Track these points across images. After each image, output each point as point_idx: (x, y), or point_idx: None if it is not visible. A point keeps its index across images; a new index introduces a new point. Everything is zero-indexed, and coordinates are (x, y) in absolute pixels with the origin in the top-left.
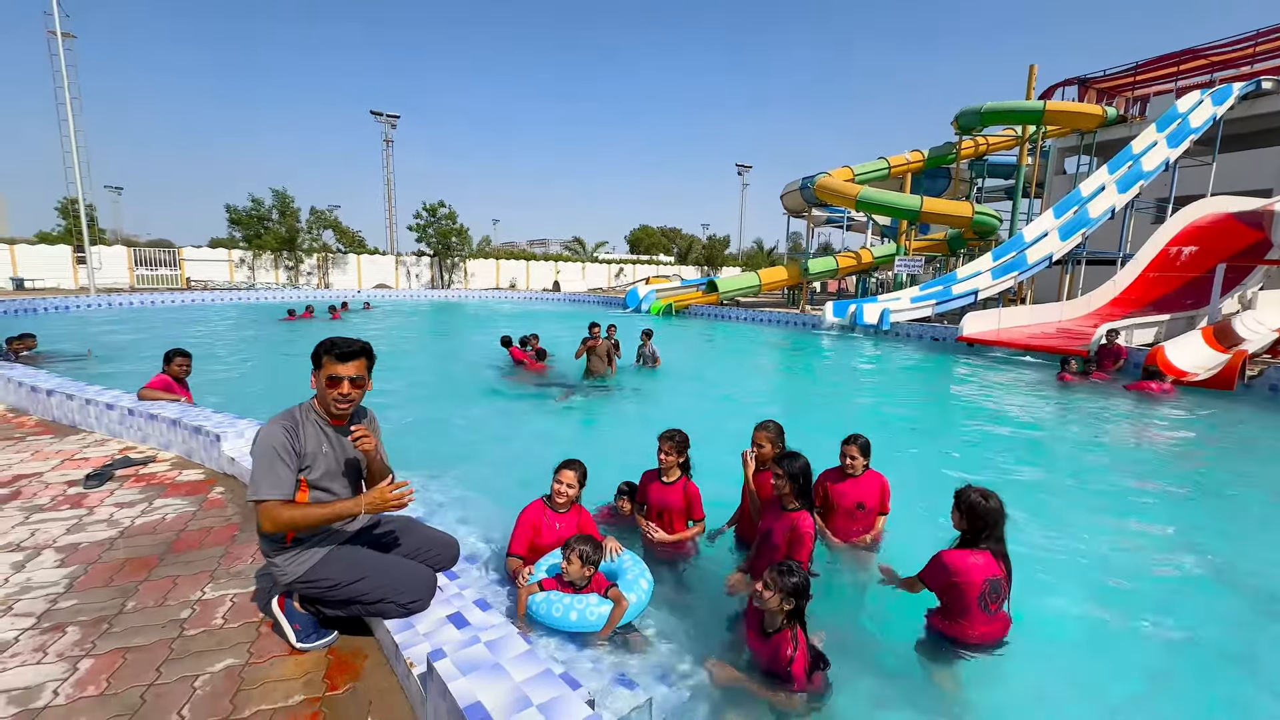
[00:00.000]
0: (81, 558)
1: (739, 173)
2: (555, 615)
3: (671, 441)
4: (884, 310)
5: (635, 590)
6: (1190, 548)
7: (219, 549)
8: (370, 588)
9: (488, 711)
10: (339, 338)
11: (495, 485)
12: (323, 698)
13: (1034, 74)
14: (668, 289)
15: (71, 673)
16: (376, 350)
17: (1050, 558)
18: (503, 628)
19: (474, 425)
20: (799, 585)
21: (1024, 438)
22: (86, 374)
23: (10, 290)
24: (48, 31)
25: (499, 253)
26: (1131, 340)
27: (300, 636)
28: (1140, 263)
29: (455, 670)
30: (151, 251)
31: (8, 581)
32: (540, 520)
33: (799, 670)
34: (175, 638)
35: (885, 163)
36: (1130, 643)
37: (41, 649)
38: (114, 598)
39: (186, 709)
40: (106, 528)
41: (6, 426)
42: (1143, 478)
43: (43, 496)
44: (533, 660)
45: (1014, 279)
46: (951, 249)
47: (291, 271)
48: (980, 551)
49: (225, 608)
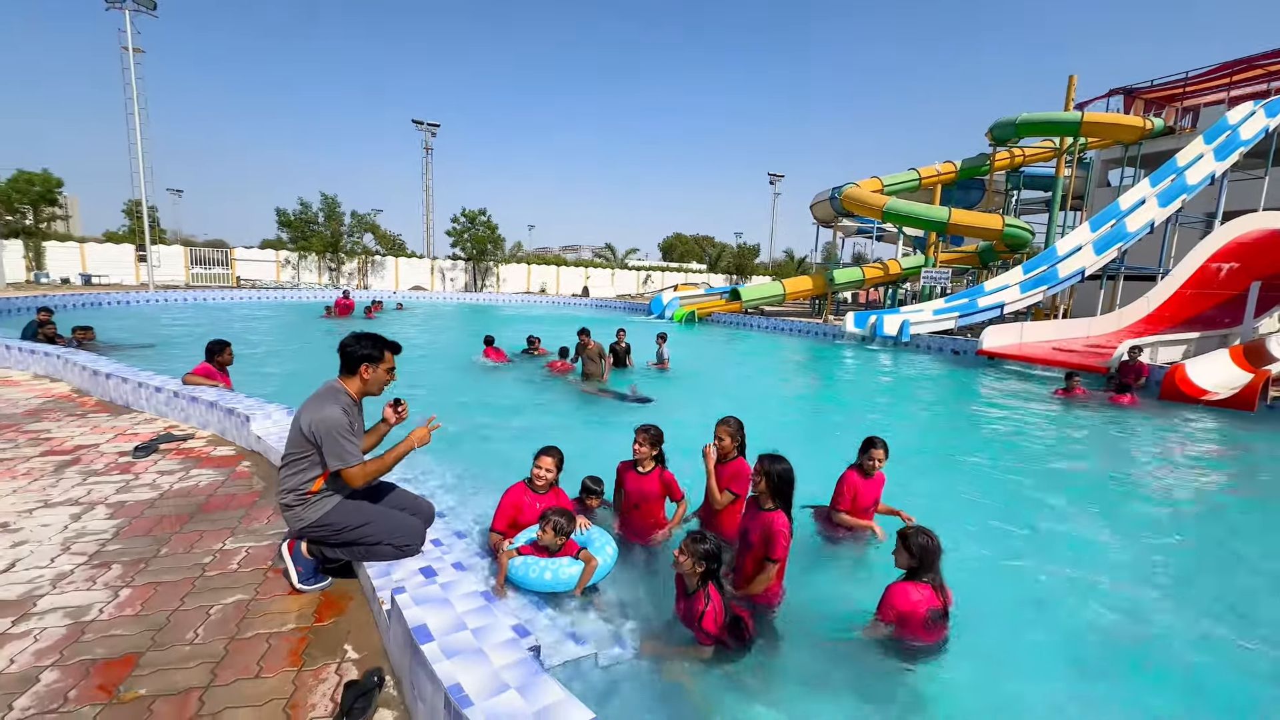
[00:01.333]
0: (127, 513)
1: (770, 182)
2: (532, 576)
3: (646, 434)
4: (904, 322)
5: (601, 555)
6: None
7: (241, 511)
8: (372, 531)
9: (430, 632)
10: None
11: (489, 470)
12: (311, 627)
13: (1073, 84)
14: (691, 296)
15: (114, 598)
16: (409, 345)
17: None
18: (462, 579)
19: (482, 417)
20: (709, 551)
21: (1013, 451)
22: (140, 361)
23: (79, 285)
24: (121, 47)
25: (531, 258)
26: (1156, 357)
27: (301, 579)
28: (1177, 278)
29: (410, 602)
30: (206, 251)
31: (67, 528)
32: (522, 500)
33: (707, 624)
34: (198, 577)
35: (916, 174)
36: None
37: (92, 580)
38: (151, 545)
39: (201, 628)
40: (149, 490)
41: (71, 405)
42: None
43: (98, 463)
44: (475, 598)
45: (1043, 293)
46: (983, 262)
47: (334, 273)
48: (922, 585)
49: (241, 556)
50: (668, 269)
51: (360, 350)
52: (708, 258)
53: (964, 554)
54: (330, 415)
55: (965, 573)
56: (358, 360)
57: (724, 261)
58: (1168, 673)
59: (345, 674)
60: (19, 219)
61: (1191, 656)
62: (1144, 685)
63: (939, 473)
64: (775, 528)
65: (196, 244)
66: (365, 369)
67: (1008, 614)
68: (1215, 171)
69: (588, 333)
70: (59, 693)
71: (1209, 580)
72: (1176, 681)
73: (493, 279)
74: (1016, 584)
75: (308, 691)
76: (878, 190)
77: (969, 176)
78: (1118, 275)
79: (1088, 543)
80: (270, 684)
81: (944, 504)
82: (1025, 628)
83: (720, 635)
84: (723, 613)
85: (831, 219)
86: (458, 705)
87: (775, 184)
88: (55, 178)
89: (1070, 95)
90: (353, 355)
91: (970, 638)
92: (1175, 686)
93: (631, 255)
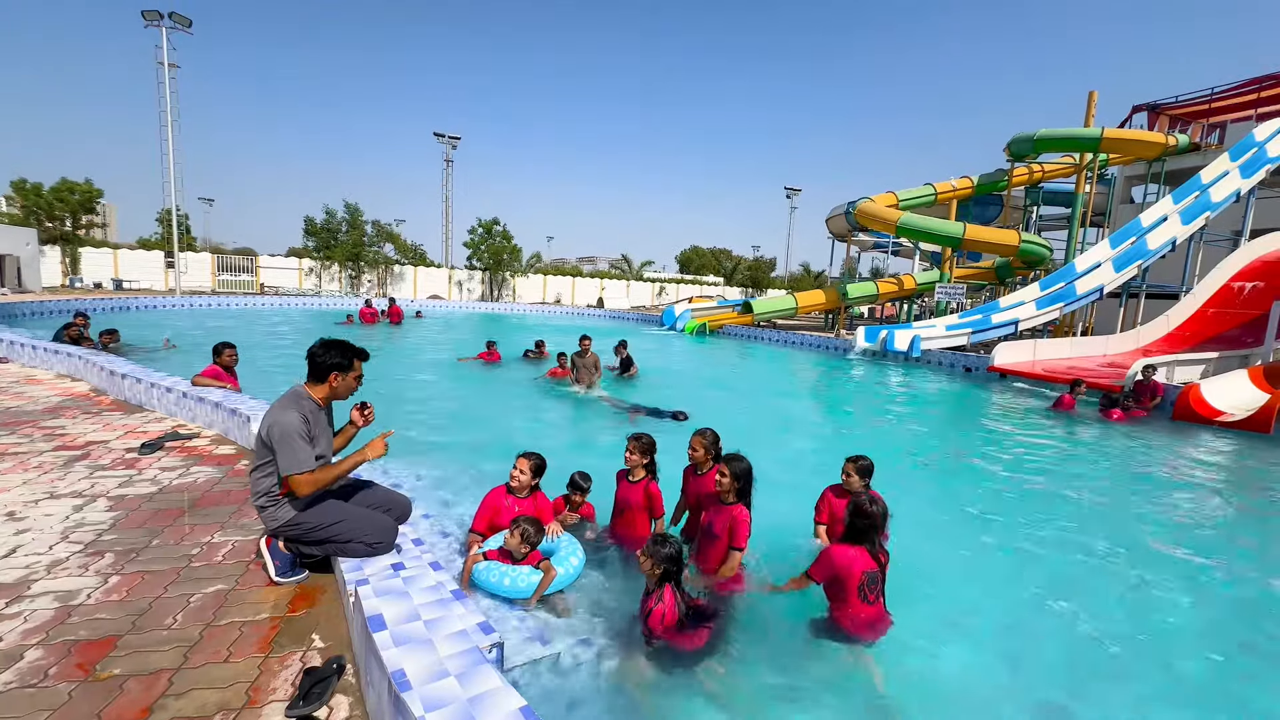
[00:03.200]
0: (126, 506)
1: (788, 195)
2: (491, 580)
3: (638, 442)
4: (915, 337)
5: (565, 565)
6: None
7: (233, 507)
8: (343, 529)
9: (384, 622)
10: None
11: (484, 473)
12: (283, 617)
13: (1093, 100)
14: (703, 308)
15: (102, 585)
16: (429, 351)
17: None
18: (424, 574)
19: (481, 421)
20: (670, 555)
21: (1018, 468)
22: (155, 362)
23: (111, 290)
24: (157, 62)
25: (546, 269)
26: (1173, 377)
27: (278, 572)
28: (1198, 297)
29: (371, 593)
30: (232, 258)
31: (68, 519)
32: (500, 503)
33: (653, 622)
34: (183, 567)
35: (932, 189)
36: None
37: (84, 567)
38: (144, 536)
39: (180, 615)
40: (149, 485)
41: (88, 403)
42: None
43: (105, 458)
44: (435, 591)
45: (1059, 310)
46: (999, 277)
47: (354, 280)
48: (858, 547)
49: (226, 549)
50: (683, 281)
51: (330, 359)
52: (724, 271)
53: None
54: (286, 420)
55: (961, 582)
56: (328, 369)
57: (739, 275)
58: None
59: (309, 661)
60: (58, 226)
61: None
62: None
63: (929, 486)
64: (739, 519)
65: (225, 251)
66: (334, 377)
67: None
68: (1241, 189)
69: (589, 340)
70: (40, 670)
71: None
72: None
73: (508, 290)
74: (1008, 596)
75: (271, 676)
76: (893, 205)
77: (987, 192)
78: (1139, 293)
79: (1070, 562)
80: (237, 668)
81: (935, 517)
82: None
83: (664, 635)
84: (672, 615)
85: (847, 233)
86: (398, 689)
87: (792, 198)
88: (96, 188)
89: (1090, 111)
90: (322, 364)
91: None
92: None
93: (647, 267)
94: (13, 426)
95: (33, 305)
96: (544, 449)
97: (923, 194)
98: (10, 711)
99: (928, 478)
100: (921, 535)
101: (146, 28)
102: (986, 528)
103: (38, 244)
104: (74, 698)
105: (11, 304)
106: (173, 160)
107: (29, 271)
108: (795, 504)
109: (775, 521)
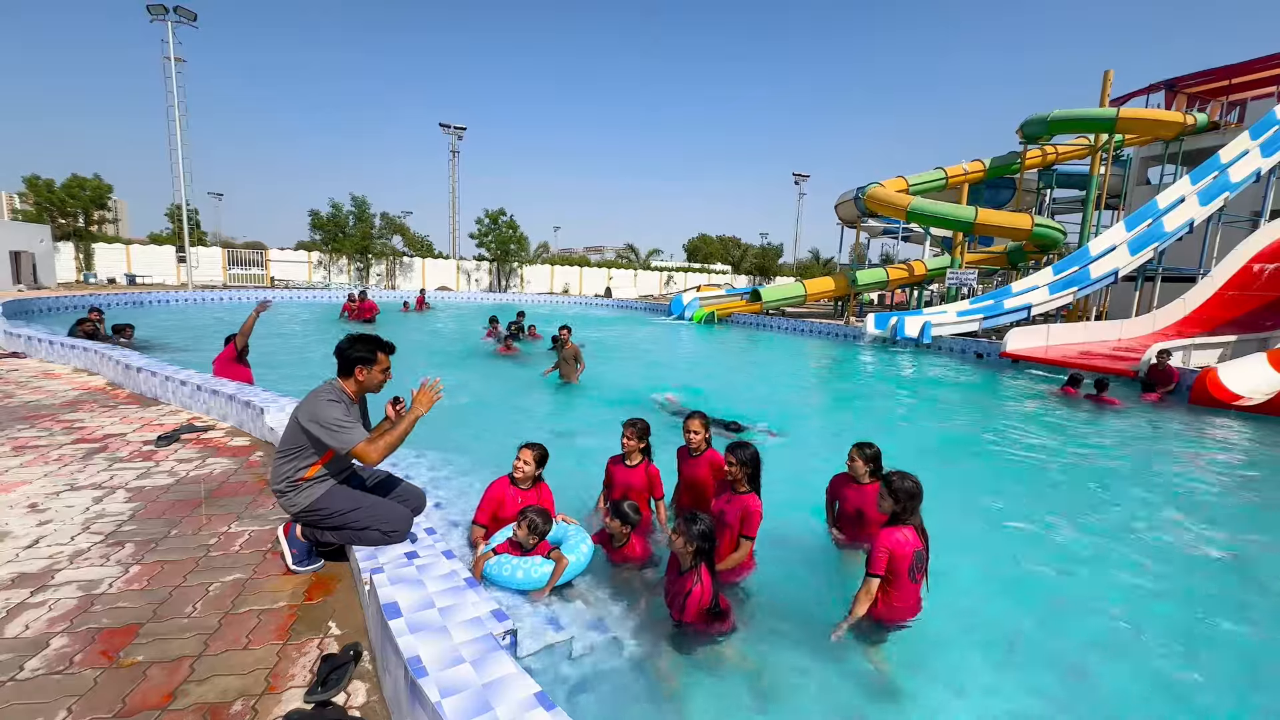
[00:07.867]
0: (144, 497)
1: (795, 182)
2: (504, 575)
3: (633, 428)
4: (926, 323)
5: (575, 553)
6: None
7: (248, 498)
8: (360, 516)
9: (399, 609)
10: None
11: (497, 463)
12: (300, 605)
13: (1109, 79)
14: (711, 297)
15: (123, 574)
16: (434, 341)
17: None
18: (439, 563)
19: (494, 412)
20: (704, 531)
21: (1028, 455)
22: (168, 356)
23: (124, 285)
24: (163, 57)
25: (554, 259)
26: (1189, 361)
27: (295, 560)
28: (1216, 280)
29: (386, 581)
30: (242, 252)
31: (89, 510)
32: (503, 494)
33: (691, 603)
34: (201, 557)
35: (942, 173)
36: None
37: (106, 556)
38: (163, 527)
39: (199, 603)
40: (166, 476)
41: (105, 396)
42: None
43: (123, 451)
44: (449, 579)
45: (1073, 294)
46: (1012, 262)
47: (362, 273)
48: (906, 527)
49: (243, 539)
50: (690, 269)
51: (355, 353)
52: (733, 259)
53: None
54: (330, 410)
55: (976, 569)
56: (352, 363)
57: (747, 262)
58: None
59: (326, 648)
60: (71, 222)
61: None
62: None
63: (939, 472)
64: (751, 508)
65: (235, 245)
66: (360, 371)
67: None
68: (1261, 168)
69: (568, 330)
70: (66, 657)
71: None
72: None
73: (516, 279)
74: (1024, 584)
75: (289, 663)
76: (903, 190)
77: (999, 175)
78: (1155, 276)
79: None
80: (256, 655)
81: (945, 504)
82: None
83: (697, 620)
84: (709, 597)
85: (856, 219)
86: (414, 675)
87: (800, 184)
88: (106, 184)
89: (1106, 90)
90: (348, 358)
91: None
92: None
93: (654, 256)
94: (32, 420)
95: (48, 301)
96: (535, 439)
97: (933, 178)
98: (40, 697)
99: (936, 464)
100: (931, 524)
101: (152, 22)
102: (999, 515)
103: (51, 240)
104: (99, 684)
105: (28, 300)
106: (181, 155)
107: (44, 267)
108: (803, 491)
109: (782, 509)
